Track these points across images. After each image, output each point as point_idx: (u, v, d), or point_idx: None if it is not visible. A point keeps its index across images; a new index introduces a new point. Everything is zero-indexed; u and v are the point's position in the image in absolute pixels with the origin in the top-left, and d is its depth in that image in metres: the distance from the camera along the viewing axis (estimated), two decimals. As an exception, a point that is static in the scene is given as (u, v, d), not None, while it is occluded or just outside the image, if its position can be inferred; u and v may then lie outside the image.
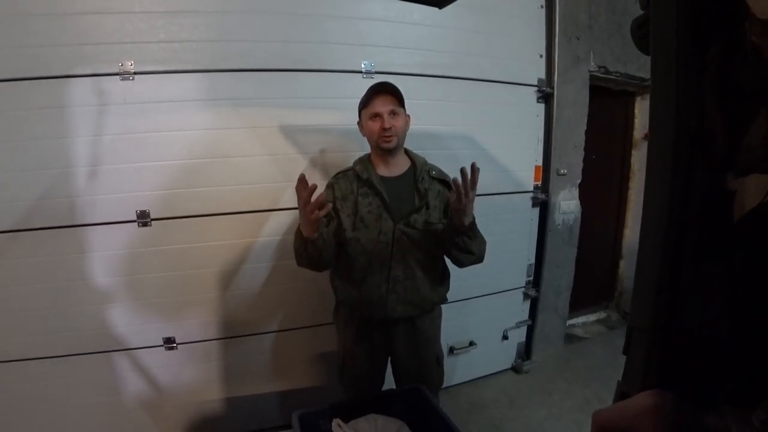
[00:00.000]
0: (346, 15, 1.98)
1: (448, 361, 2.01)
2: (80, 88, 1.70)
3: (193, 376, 2.04)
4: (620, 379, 0.76)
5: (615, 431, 0.46)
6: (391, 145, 1.47)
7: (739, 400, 0.56)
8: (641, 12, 0.71)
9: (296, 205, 1.95)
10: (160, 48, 1.76)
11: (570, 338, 3.15)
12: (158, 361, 1.99)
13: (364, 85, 1.59)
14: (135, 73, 1.74)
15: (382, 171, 1.54)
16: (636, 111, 3.25)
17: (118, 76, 1.73)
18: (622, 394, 0.73)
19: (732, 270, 0.72)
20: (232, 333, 2.06)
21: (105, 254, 1.83)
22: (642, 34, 0.69)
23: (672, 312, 0.61)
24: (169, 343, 1.98)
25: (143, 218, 1.83)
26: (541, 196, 2.59)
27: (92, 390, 1.92)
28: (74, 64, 1.68)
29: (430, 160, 1.63)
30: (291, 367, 2.17)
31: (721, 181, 0.60)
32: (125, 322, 1.91)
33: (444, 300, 1.66)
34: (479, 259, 1.53)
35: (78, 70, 1.69)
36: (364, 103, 1.50)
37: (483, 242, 1.52)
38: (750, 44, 0.50)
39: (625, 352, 0.74)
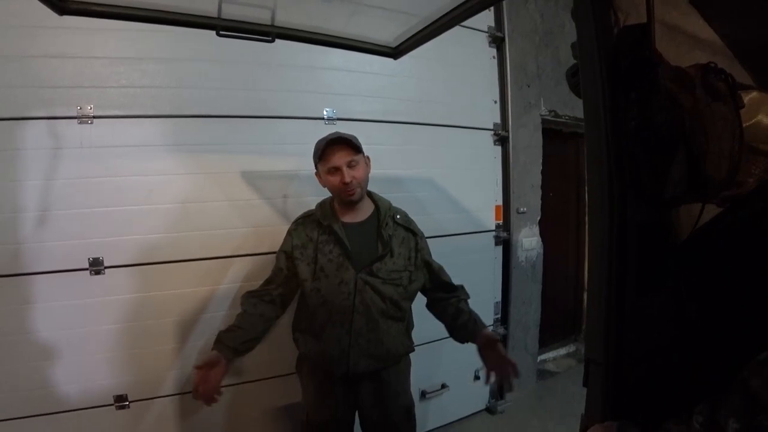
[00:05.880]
0: (308, 65, 2.04)
1: (420, 406, 1.95)
2: (34, 131, 1.65)
3: (146, 438, 1.87)
4: (583, 413, 0.76)
5: None
6: (356, 197, 1.43)
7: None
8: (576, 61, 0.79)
9: (256, 251, 1.95)
10: (121, 93, 1.75)
11: (542, 374, 3.14)
12: (108, 422, 1.81)
13: (327, 131, 1.53)
14: (94, 117, 1.71)
15: (345, 217, 1.48)
16: (586, 151, 3.47)
17: (75, 120, 1.69)
18: (585, 429, 0.73)
19: (676, 298, 0.75)
20: (190, 388, 1.92)
21: (51, 305, 1.70)
22: (575, 81, 0.77)
23: (622, 343, 0.63)
24: (120, 401, 1.82)
25: (96, 266, 1.74)
26: (503, 234, 2.66)
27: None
28: (30, 107, 1.64)
29: (394, 205, 1.60)
30: (254, 422, 2.03)
31: (654, 214, 0.64)
32: (71, 380, 1.75)
33: (411, 350, 1.59)
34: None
35: (33, 113, 1.64)
36: (320, 157, 1.42)
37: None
38: (664, 88, 0.57)
39: (585, 384, 0.75)
